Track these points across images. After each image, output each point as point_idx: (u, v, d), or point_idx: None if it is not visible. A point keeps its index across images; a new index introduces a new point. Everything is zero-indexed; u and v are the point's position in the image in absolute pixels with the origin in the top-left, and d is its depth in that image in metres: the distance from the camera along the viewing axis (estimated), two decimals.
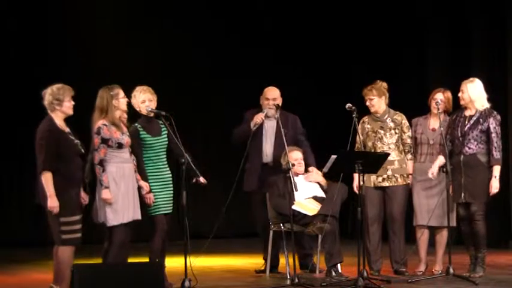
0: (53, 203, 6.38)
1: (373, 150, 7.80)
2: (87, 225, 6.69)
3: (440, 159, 7.55)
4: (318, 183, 7.92)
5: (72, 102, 6.59)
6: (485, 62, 10.52)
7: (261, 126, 7.98)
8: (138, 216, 6.79)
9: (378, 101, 7.88)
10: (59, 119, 6.55)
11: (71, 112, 6.60)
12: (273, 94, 8.05)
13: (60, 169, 6.43)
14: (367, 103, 7.90)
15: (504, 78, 10.34)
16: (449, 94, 7.87)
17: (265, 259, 8.03)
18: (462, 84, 7.64)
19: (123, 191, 6.69)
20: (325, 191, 7.86)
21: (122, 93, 6.89)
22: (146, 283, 6.29)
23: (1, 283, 7.90)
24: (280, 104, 8.03)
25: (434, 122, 7.85)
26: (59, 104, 6.53)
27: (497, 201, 8.51)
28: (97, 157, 6.65)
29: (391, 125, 7.89)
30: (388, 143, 7.85)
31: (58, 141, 6.47)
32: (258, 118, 7.94)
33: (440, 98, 7.81)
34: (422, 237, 7.86)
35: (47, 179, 6.39)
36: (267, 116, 7.99)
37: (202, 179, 7.20)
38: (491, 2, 10.51)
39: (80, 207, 6.57)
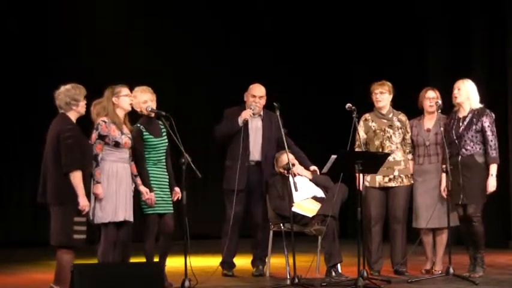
0: (85, 202, 6.38)
1: (380, 150, 7.77)
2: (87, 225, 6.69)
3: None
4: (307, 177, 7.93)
5: (85, 102, 6.58)
6: (485, 62, 10.53)
7: (245, 125, 7.89)
8: (130, 218, 6.78)
9: (387, 97, 7.89)
10: (73, 119, 6.54)
11: (84, 111, 6.60)
12: (260, 91, 7.96)
13: (85, 169, 6.43)
14: (377, 97, 7.85)
15: (504, 78, 10.34)
16: (437, 92, 7.89)
17: (224, 261, 7.94)
18: (457, 82, 7.65)
19: (114, 190, 6.68)
20: (323, 186, 7.85)
21: (124, 92, 6.86)
22: (146, 283, 6.28)
23: (1, 283, 7.89)
24: (264, 103, 7.99)
25: (429, 122, 7.86)
26: (76, 104, 6.50)
27: (497, 201, 8.51)
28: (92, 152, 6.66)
29: (398, 124, 7.88)
30: (396, 142, 7.84)
31: (82, 140, 6.47)
32: (247, 114, 7.85)
33: (432, 96, 7.82)
34: (427, 236, 7.87)
35: (77, 178, 6.35)
36: (253, 113, 7.92)
37: (177, 191, 7.19)
38: (491, 2, 10.51)
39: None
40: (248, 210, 8.01)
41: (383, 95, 7.87)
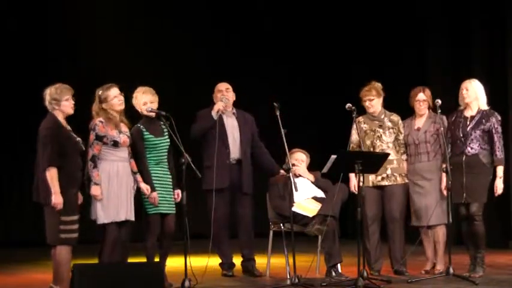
0: (57, 199, 6.36)
1: (371, 149, 7.80)
2: (86, 225, 6.69)
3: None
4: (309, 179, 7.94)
5: (72, 102, 6.58)
6: (485, 62, 10.53)
7: (221, 124, 7.84)
8: (132, 217, 6.79)
9: (377, 101, 7.90)
10: (60, 118, 6.55)
11: (70, 111, 6.58)
12: (224, 85, 8.02)
13: (62, 167, 6.42)
14: (366, 104, 7.90)
15: (504, 78, 10.34)
16: (428, 92, 7.90)
17: (224, 262, 7.96)
18: (464, 83, 7.65)
19: (115, 190, 6.68)
20: (324, 191, 7.86)
21: (113, 94, 6.81)
22: (146, 283, 6.28)
23: (1, 283, 7.89)
24: (233, 99, 8.00)
25: (419, 121, 7.88)
26: (57, 103, 6.53)
27: (498, 202, 8.51)
28: (90, 153, 6.66)
29: (389, 124, 7.90)
30: (387, 141, 7.86)
31: (61, 138, 6.47)
32: (219, 106, 7.81)
33: (423, 98, 7.83)
34: (427, 237, 7.87)
35: (52, 176, 6.37)
36: (225, 106, 7.85)
37: (177, 194, 7.19)
38: (492, 2, 10.52)
39: (78, 206, 6.57)
40: (233, 209, 7.95)
41: (372, 102, 7.89)
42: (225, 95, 7.94)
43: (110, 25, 11.37)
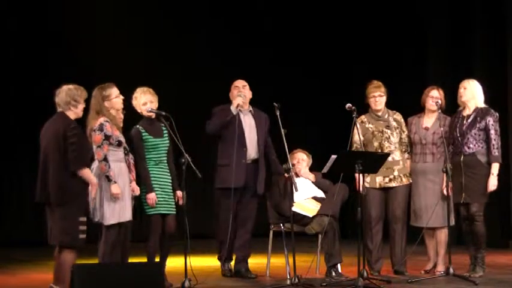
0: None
1: (379, 150, 7.76)
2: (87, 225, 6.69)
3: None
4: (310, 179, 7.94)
5: (84, 105, 6.55)
6: (485, 62, 10.54)
7: (239, 122, 7.77)
8: (131, 218, 6.79)
9: (384, 98, 7.87)
10: (72, 119, 6.52)
11: (81, 115, 6.56)
12: (241, 82, 7.95)
13: None
14: (375, 99, 7.81)
15: (504, 78, 10.35)
16: (442, 92, 7.89)
17: (220, 258, 7.92)
18: (462, 82, 7.67)
19: (121, 190, 6.67)
20: (325, 191, 7.86)
21: (114, 93, 6.80)
22: (146, 283, 6.28)
23: (1, 283, 7.89)
24: (250, 96, 7.94)
25: (428, 121, 7.86)
26: (75, 105, 6.47)
27: (498, 202, 8.52)
28: (101, 153, 6.59)
29: (394, 124, 7.87)
30: (394, 142, 7.83)
31: (83, 139, 6.47)
32: (239, 100, 7.74)
33: (435, 95, 7.81)
34: (430, 237, 7.87)
35: (88, 174, 6.38)
36: (243, 101, 7.79)
37: (179, 194, 7.16)
38: (492, 1, 10.52)
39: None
40: (239, 208, 7.82)
41: (382, 98, 7.85)
42: (242, 91, 7.90)
43: (110, 25, 11.37)
